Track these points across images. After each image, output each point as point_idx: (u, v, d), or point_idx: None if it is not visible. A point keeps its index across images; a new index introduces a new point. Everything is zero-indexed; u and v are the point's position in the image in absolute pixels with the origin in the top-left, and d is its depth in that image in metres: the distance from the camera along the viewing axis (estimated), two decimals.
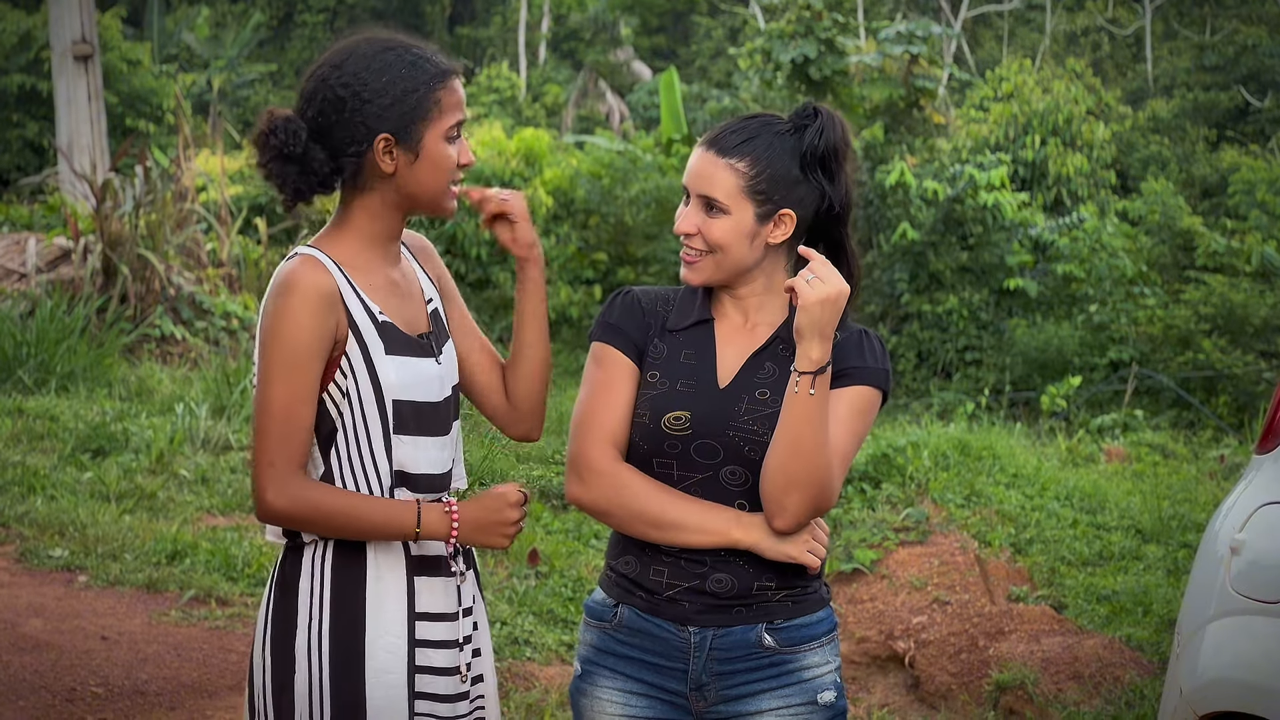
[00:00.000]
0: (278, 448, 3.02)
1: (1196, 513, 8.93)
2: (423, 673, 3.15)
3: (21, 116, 29.20)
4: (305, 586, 3.13)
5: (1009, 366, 17.34)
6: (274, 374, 3.03)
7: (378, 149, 3.11)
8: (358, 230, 3.18)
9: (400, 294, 3.21)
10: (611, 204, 19.86)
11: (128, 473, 8.97)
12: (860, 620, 7.52)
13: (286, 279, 3.06)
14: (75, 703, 5.80)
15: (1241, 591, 3.85)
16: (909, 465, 9.05)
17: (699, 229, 3.20)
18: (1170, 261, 20.15)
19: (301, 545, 3.15)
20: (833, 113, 3.25)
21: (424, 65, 3.14)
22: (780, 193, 3.20)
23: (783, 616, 3.20)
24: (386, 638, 3.12)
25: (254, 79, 38.26)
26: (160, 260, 13.79)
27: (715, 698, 3.22)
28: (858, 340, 3.23)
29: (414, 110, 3.11)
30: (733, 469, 3.17)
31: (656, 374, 3.24)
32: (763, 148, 3.19)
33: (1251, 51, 36.10)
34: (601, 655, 3.28)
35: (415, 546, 3.16)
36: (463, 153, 3.20)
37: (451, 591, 3.21)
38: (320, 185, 3.15)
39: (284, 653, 3.13)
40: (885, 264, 18.53)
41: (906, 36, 19.74)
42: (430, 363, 3.19)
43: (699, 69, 43.02)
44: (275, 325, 3.04)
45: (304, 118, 3.13)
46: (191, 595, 7.17)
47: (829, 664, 3.25)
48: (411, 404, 3.12)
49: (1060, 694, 6.49)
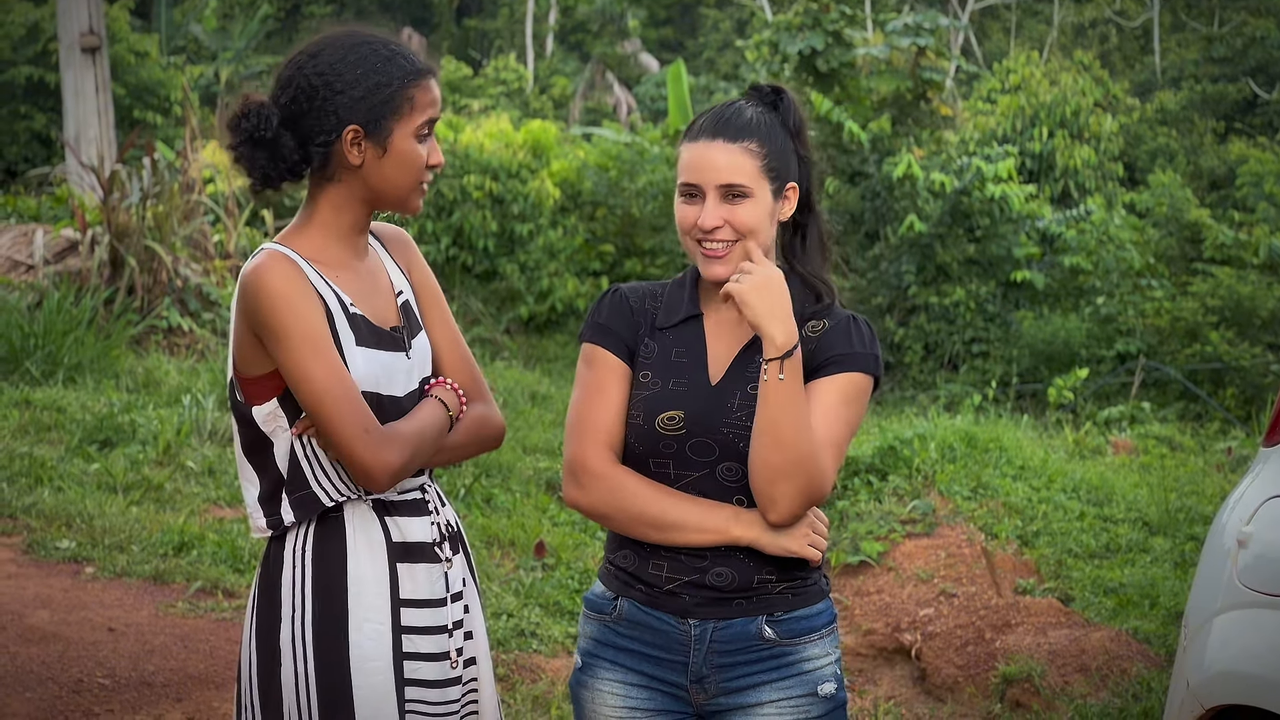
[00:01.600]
0: (356, 416, 3.02)
1: (1204, 505, 8.92)
2: (410, 659, 3.16)
3: (29, 108, 29.22)
4: (288, 578, 3.14)
5: (1016, 359, 17.32)
6: (306, 360, 3.02)
7: (346, 140, 3.11)
8: (322, 223, 3.18)
9: (368, 286, 3.21)
10: (619, 196, 19.84)
11: (135, 464, 8.98)
12: (867, 612, 7.51)
13: (258, 274, 3.05)
14: (82, 694, 5.80)
15: (1248, 585, 3.84)
16: (915, 457, 9.04)
17: (725, 220, 3.18)
18: (1178, 254, 20.12)
19: (283, 537, 3.15)
20: (783, 88, 3.30)
21: (399, 61, 3.14)
22: (785, 167, 3.23)
23: (783, 609, 3.20)
24: (369, 625, 3.12)
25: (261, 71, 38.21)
26: (167, 252, 13.79)
27: (715, 690, 3.21)
28: (845, 326, 3.22)
29: (385, 104, 3.11)
30: (729, 465, 3.16)
31: (649, 374, 3.24)
32: (763, 127, 3.21)
33: (1260, 43, 36.06)
34: (601, 648, 3.28)
35: (396, 532, 3.17)
36: (432, 153, 3.20)
37: (437, 577, 3.22)
38: (289, 172, 3.15)
39: (269, 645, 3.13)
40: (892, 256, 18.51)
41: (914, 28, 19.69)
42: (400, 357, 3.20)
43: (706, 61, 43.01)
44: (276, 318, 3.03)
45: (277, 104, 3.14)
46: (198, 587, 7.17)
47: (829, 655, 3.25)
48: (375, 396, 3.13)
49: (1067, 686, 6.48)
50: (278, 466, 3.14)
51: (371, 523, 3.16)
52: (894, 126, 19.29)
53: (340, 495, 3.14)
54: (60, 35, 19.88)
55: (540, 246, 19.34)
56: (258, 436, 3.15)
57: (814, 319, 3.23)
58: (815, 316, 3.24)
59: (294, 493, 3.14)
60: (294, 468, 3.13)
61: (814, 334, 3.21)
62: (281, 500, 3.15)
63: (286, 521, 3.14)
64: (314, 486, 3.13)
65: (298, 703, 3.09)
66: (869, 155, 18.62)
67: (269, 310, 3.03)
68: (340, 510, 3.15)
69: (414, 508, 3.23)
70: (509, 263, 19.21)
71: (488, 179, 19.27)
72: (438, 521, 3.25)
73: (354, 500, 3.16)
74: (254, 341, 3.09)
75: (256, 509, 3.18)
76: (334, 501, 3.14)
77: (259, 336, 3.07)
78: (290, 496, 3.14)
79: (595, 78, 39.20)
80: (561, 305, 19.00)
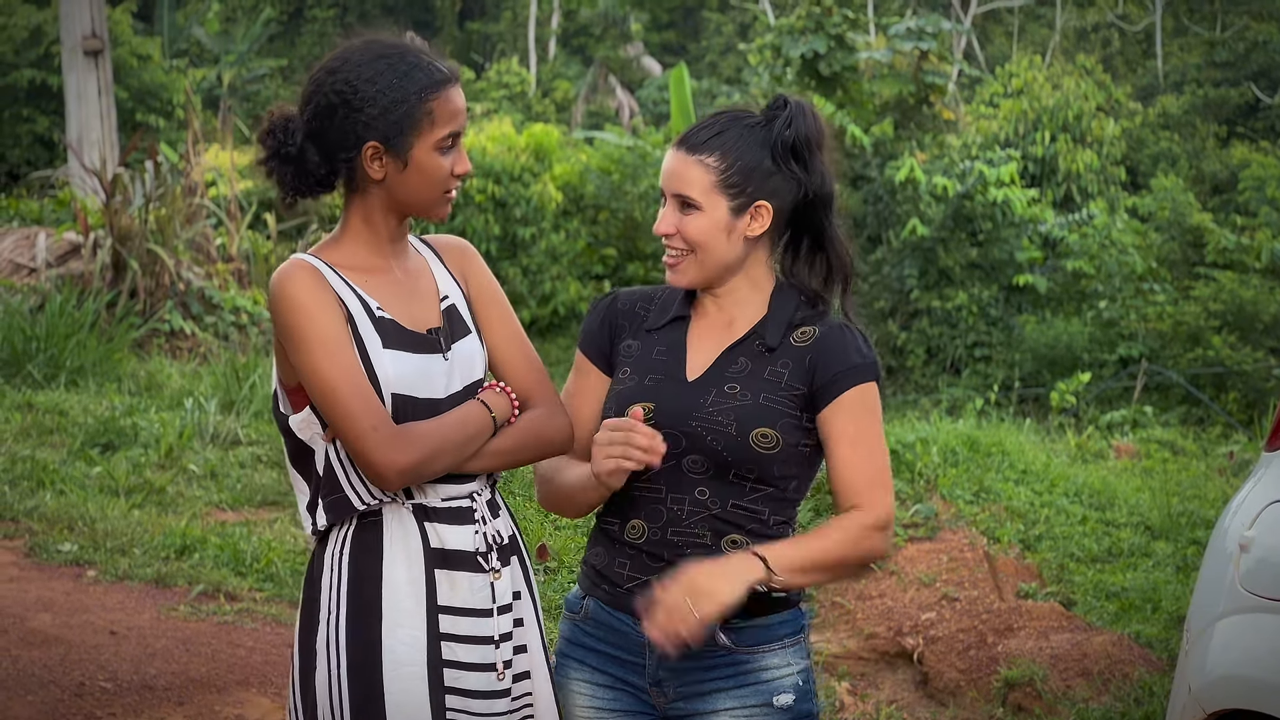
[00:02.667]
0: (367, 415, 3.03)
1: (1206, 509, 8.92)
2: (451, 667, 3.14)
3: (32, 111, 29.27)
4: (326, 582, 3.15)
5: (1018, 363, 17.32)
6: (318, 360, 3.04)
7: (366, 156, 3.11)
8: (354, 234, 3.19)
9: (404, 291, 3.21)
10: (621, 199, 19.88)
11: (137, 467, 8.98)
12: (869, 616, 7.51)
13: (280, 282, 3.09)
14: (84, 697, 5.80)
15: (1250, 589, 3.83)
16: (918, 461, 9.03)
17: (676, 228, 3.18)
18: (1180, 258, 20.13)
19: (325, 541, 3.17)
20: (803, 102, 3.23)
21: (416, 75, 3.13)
22: (753, 184, 3.17)
23: (740, 616, 3.11)
24: (403, 630, 3.11)
25: (264, 74, 38.29)
26: (170, 255, 13.81)
27: (674, 694, 3.20)
28: (839, 338, 3.18)
29: (402, 121, 3.10)
30: (694, 458, 3.14)
31: (627, 370, 3.25)
32: (732, 141, 3.17)
33: (1262, 48, 36.07)
34: (572, 647, 3.30)
35: (435, 539, 3.16)
36: (458, 162, 3.18)
37: (481, 586, 3.19)
38: (318, 185, 3.17)
39: (308, 647, 3.14)
40: (895, 260, 18.52)
41: (916, 32, 19.71)
42: (436, 359, 3.18)
43: (709, 65, 43.04)
44: (293, 322, 3.05)
45: (302, 118, 3.15)
46: (200, 590, 7.17)
47: (790, 666, 3.19)
48: (410, 398, 3.12)
49: (1069, 691, 6.48)
50: (319, 473, 3.16)
51: (410, 528, 3.15)
52: (896, 130, 19.30)
53: (373, 498, 3.14)
54: (63, 38, 19.91)
55: (543, 250, 19.37)
56: (300, 445, 3.17)
57: (804, 325, 3.21)
58: (805, 323, 3.21)
59: (328, 496, 3.15)
60: (329, 472, 3.14)
61: (804, 341, 3.19)
62: (318, 504, 3.17)
63: (320, 525, 3.16)
64: (346, 490, 3.14)
65: (331, 704, 3.09)
66: (871, 159, 18.64)
67: (285, 315, 3.06)
68: (379, 515, 3.15)
69: (457, 515, 3.19)
70: (511, 266, 19.23)
71: (490, 182, 19.29)
72: (485, 531, 3.21)
73: (394, 505, 3.15)
74: (284, 350, 3.12)
75: (306, 516, 3.20)
76: (365, 505, 3.14)
77: (282, 343, 3.10)
78: (325, 500, 3.15)
79: (598, 81, 39.23)
80: (564, 309, 19.02)
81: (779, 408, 3.14)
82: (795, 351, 3.18)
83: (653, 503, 3.18)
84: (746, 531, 3.14)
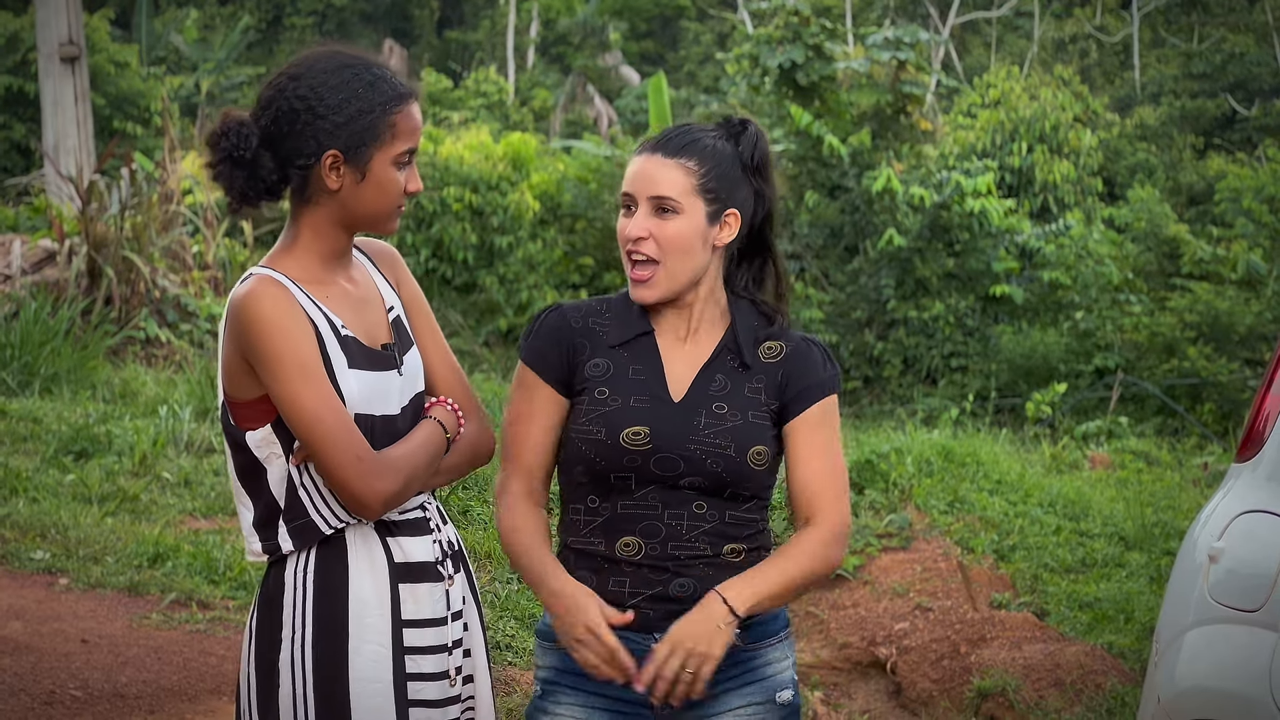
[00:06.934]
0: (348, 445, 3.02)
1: (1180, 520, 8.94)
2: (414, 680, 3.14)
3: (8, 118, 29.18)
4: (289, 599, 3.12)
5: (994, 373, 17.34)
6: (297, 388, 3.01)
7: (325, 165, 3.10)
8: (305, 246, 3.16)
9: (357, 305, 3.20)
10: (598, 209, 19.87)
11: (110, 475, 8.95)
12: (842, 626, 7.51)
13: (249, 301, 3.04)
14: (54, 706, 5.78)
15: (1219, 600, 3.85)
16: (892, 471, 9.05)
17: (651, 233, 3.21)
18: (1156, 269, 20.18)
19: (284, 558, 3.14)
20: (758, 125, 3.32)
21: (382, 87, 3.12)
22: (726, 192, 3.24)
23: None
24: (369, 647, 3.11)
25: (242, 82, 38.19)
26: (145, 263, 13.77)
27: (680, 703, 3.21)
28: (807, 353, 3.29)
29: (366, 131, 3.10)
30: (693, 479, 3.19)
31: (606, 390, 3.23)
32: (708, 148, 3.24)
33: (1239, 59, 36.19)
34: (563, 675, 3.26)
35: (399, 553, 3.15)
36: (411, 179, 3.18)
37: (439, 596, 3.20)
38: (267, 192, 3.15)
39: (268, 667, 3.12)
40: (871, 270, 18.53)
41: (894, 43, 19.73)
42: (392, 375, 3.18)
43: (687, 74, 43.04)
44: (268, 346, 3.01)
45: (258, 123, 3.13)
46: (173, 598, 7.15)
47: (786, 660, 3.29)
48: (368, 417, 3.11)
49: (1041, 701, 6.49)
50: (272, 493, 3.12)
51: (374, 544, 3.15)
52: (874, 140, 19.32)
53: (339, 522, 3.12)
54: (39, 45, 19.84)
55: (520, 259, 19.36)
56: (250, 461, 3.13)
57: (769, 340, 3.30)
58: (770, 339, 3.30)
59: (292, 521, 3.12)
60: (291, 496, 3.11)
61: (773, 358, 3.28)
62: (279, 528, 3.13)
63: (285, 550, 3.12)
64: (313, 515, 3.11)
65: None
66: (848, 169, 18.66)
67: (259, 337, 3.01)
68: (342, 532, 3.13)
69: (416, 527, 3.21)
70: (488, 275, 19.22)
71: (467, 191, 19.28)
72: (439, 540, 3.24)
73: (357, 523, 3.14)
74: (245, 367, 3.07)
75: (252, 534, 3.15)
76: (333, 529, 3.12)
77: (249, 362, 3.05)
78: (289, 525, 3.12)
79: (576, 90, 39.22)
80: None
81: (764, 423, 3.23)
82: (767, 367, 3.27)
83: (647, 520, 3.21)
84: (744, 539, 3.24)
